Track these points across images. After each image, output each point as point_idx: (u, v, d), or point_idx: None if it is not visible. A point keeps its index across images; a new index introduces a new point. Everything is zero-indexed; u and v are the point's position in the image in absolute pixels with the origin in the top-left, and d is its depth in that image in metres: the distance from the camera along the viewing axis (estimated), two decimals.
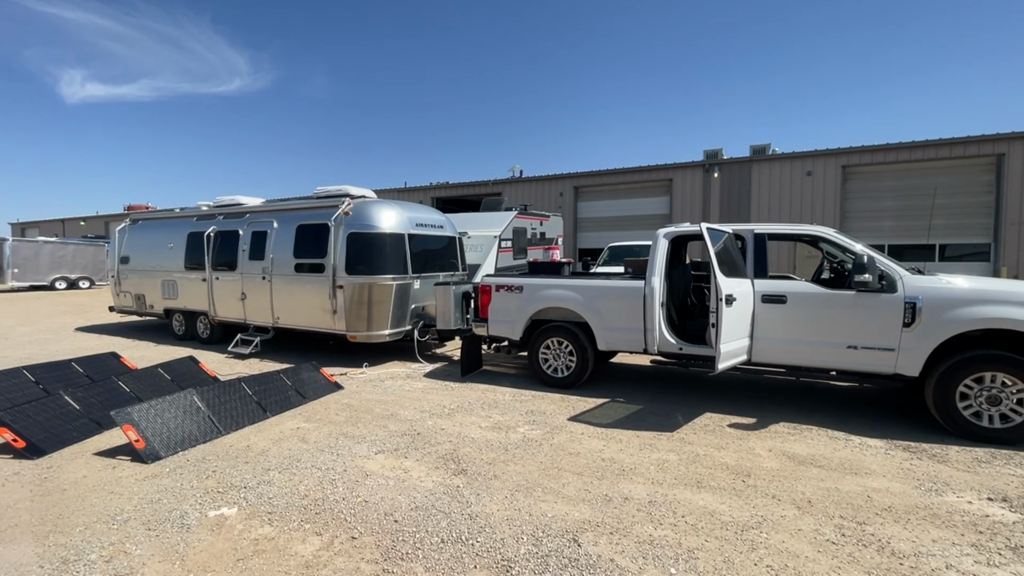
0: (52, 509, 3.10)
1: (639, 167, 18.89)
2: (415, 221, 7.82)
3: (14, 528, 2.88)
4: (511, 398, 5.63)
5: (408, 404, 5.39)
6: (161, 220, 10.01)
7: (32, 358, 7.65)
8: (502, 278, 6.45)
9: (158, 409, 4.17)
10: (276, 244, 7.94)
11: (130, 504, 3.16)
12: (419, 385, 6.23)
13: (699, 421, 4.83)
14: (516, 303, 6.27)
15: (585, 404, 5.38)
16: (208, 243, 8.71)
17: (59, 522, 2.95)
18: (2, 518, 3.01)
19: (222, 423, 4.48)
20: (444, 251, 8.39)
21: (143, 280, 9.91)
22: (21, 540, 2.78)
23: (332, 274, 7.21)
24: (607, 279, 5.91)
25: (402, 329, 7.45)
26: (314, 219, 7.65)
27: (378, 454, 4.04)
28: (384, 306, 7.20)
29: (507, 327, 6.35)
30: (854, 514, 3.08)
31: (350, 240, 7.21)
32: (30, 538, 2.78)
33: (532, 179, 21.05)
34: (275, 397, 5.16)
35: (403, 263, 7.42)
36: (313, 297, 7.47)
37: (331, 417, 4.93)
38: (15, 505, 3.14)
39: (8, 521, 2.97)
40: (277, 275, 7.86)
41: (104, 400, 4.79)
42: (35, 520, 2.97)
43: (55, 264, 22.81)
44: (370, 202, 7.63)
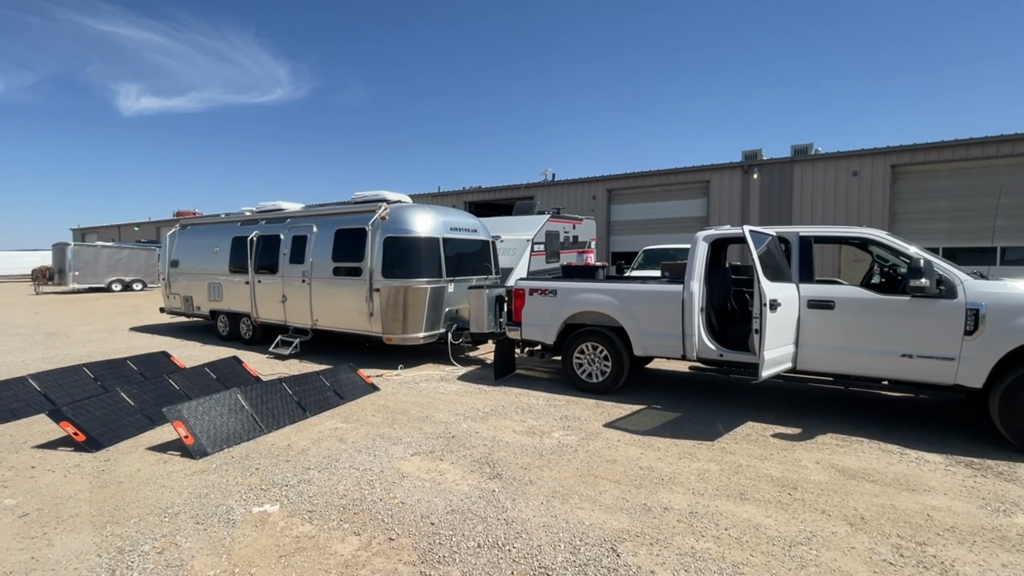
0: (109, 500, 3.25)
1: (675, 168, 18.54)
2: (449, 225, 7.89)
3: (75, 518, 3.04)
4: (545, 403, 5.59)
5: (443, 407, 5.42)
6: (208, 225, 10.45)
7: (91, 356, 8.10)
8: (536, 282, 6.43)
9: (205, 407, 4.33)
10: (315, 248, 8.15)
11: (180, 498, 3.29)
12: (453, 388, 6.27)
13: (740, 430, 4.67)
14: (550, 307, 6.23)
15: (620, 410, 5.29)
16: (251, 247, 9.03)
17: (115, 513, 3.09)
18: (66, 507, 3.18)
19: (264, 422, 4.61)
20: (478, 255, 8.43)
21: (191, 283, 10.36)
22: (81, 529, 2.92)
23: (369, 277, 7.35)
24: (644, 283, 5.80)
25: (436, 332, 7.52)
26: (352, 223, 7.82)
27: (414, 456, 4.07)
28: (419, 309, 7.28)
29: (540, 331, 6.32)
30: (913, 533, 2.90)
31: (386, 244, 7.34)
32: (89, 528, 2.92)
33: (565, 182, 20.97)
34: (314, 397, 5.29)
35: (437, 267, 7.49)
36: (350, 300, 7.63)
37: (368, 418, 5.01)
38: (76, 495, 3.31)
39: (71, 510, 3.13)
40: (316, 278, 8.07)
41: (156, 397, 5.02)
42: (94, 511, 3.12)
43: (111, 267, 24.15)
44: (406, 207, 7.75)
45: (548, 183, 21.32)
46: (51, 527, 2.94)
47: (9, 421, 4.77)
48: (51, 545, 2.76)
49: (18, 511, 3.10)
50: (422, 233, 7.42)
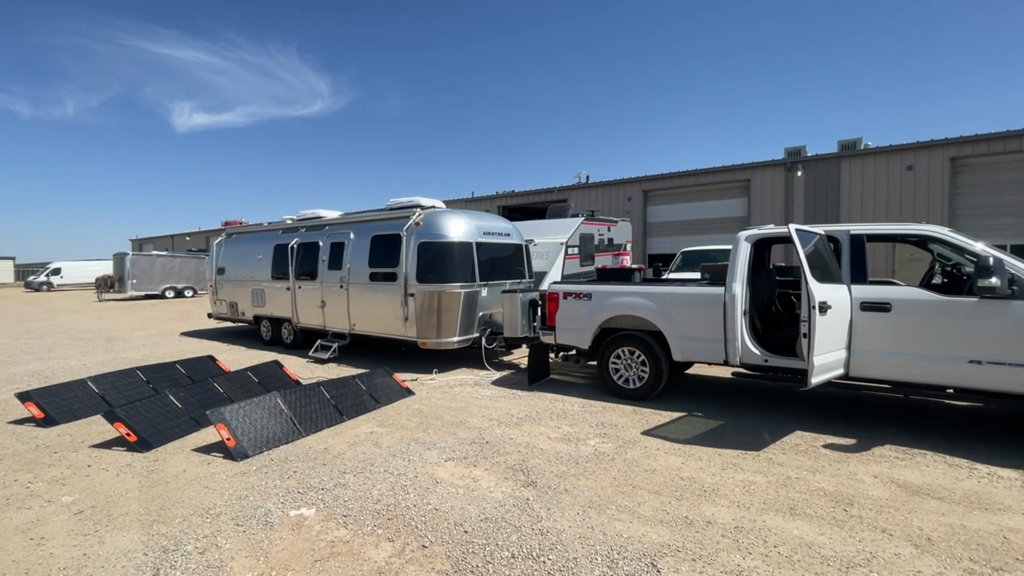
0: (156, 500, 3.36)
1: (714, 168, 18.02)
2: (483, 230, 7.89)
3: (125, 516, 3.15)
4: (580, 409, 5.47)
5: (476, 412, 5.39)
6: (251, 233, 10.85)
7: (145, 359, 8.51)
8: (570, 285, 6.33)
9: (246, 410, 4.44)
10: (353, 254, 8.32)
11: (222, 499, 3.37)
12: (487, 393, 6.23)
13: (788, 440, 4.42)
14: (585, 311, 6.11)
15: (659, 418, 5.11)
16: (292, 254, 9.31)
17: (162, 512, 3.19)
18: (117, 505, 3.30)
19: (302, 425, 4.70)
20: (511, 259, 8.39)
21: (236, 289, 10.78)
22: (131, 527, 3.02)
23: (404, 282, 7.43)
24: (683, 285, 5.60)
25: (470, 336, 7.52)
26: (387, 230, 7.94)
27: (448, 461, 4.05)
28: (453, 314, 7.30)
29: (575, 335, 6.20)
30: (987, 558, 2.64)
31: (420, 249, 7.40)
32: (137, 526, 3.02)
33: (599, 184, 20.73)
34: (351, 401, 5.36)
35: (471, 271, 7.50)
36: (386, 305, 7.73)
37: (403, 422, 5.03)
38: (127, 494, 3.45)
39: (121, 508, 3.25)
40: (353, 284, 8.23)
41: (202, 400, 5.20)
42: (142, 509, 3.23)
43: (165, 275, 25.50)
44: (439, 212, 7.80)
45: (582, 186, 21.13)
46: (103, 525, 3.05)
47: (70, 421, 5.04)
48: (102, 542, 2.86)
49: (74, 508, 3.25)
50: (455, 238, 7.44)
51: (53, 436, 4.63)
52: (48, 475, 3.78)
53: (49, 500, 3.36)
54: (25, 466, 3.96)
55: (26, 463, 4.01)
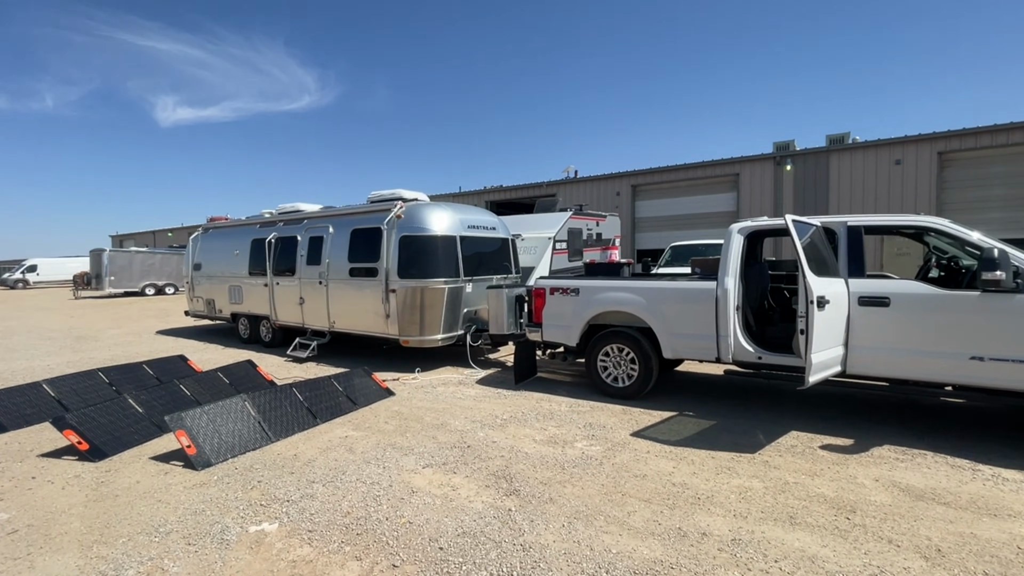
0: (102, 516, 3.06)
1: (702, 162, 17.89)
2: (467, 223, 7.62)
3: (64, 536, 2.86)
4: (568, 409, 5.25)
5: (459, 413, 5.13)
6: (229, 228, 10.45)
7: (114, 359, 8.13)
8: (557, 280, 6.08)
9: (211, 415, 4.14)
10: (332, 249, 8.00)
11: (175, 515, 3.08)
12: (471, 392, 5.98)
13: (784, 441, 4.23)
14: (572, 307, 5.87)
15: (649, 418, 4.90)
16: (269, 249, 8.96)
17: (105, 531, 2.90)
18: (57, 523, 3.00)
19: (272, 429, 4.41)
20: (497, 253, 8.13)
21: (213, 286, 10.38)
22: (68, 550, 2.73)
23: (385, 278, 7.14)
24: (673, 280, 5.39)
25: (454, 334, 7.25)
26: (368, 223, 7.63)
27: (426, 468, 3.79)
28: (436, 310, 7.03)
29: (562, 332, 5.97)
30: (1003, 571, 2.46)
31: (402, 243, 7.11)
32: (75, 548, 2.73)
33: (588, 179, 20.52)
34: (326, 403, 5.07)
35: (455, 266, 7.22)
36: (367, 301, 7.43)
37: (380, 426, 4.76)
38: (69, 510, 3.14)
39: (61, 527, 2.95)
40: (333, 280, 7.91)
41: (166, 403, 4.88)
42: (84, 527, 2.94)
43: (145, 272, 24.84)
44: (422, 205, 7.51)
45: (571, 180, 20.91)
46: (37, 547, 2.75)
47: (21, 428, 4.70)
48: (32, 568, 2.57)
49: (8, 527, 2.94)
50: (439, 231, 7.16)
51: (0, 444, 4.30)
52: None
53: None
54: None
55: None
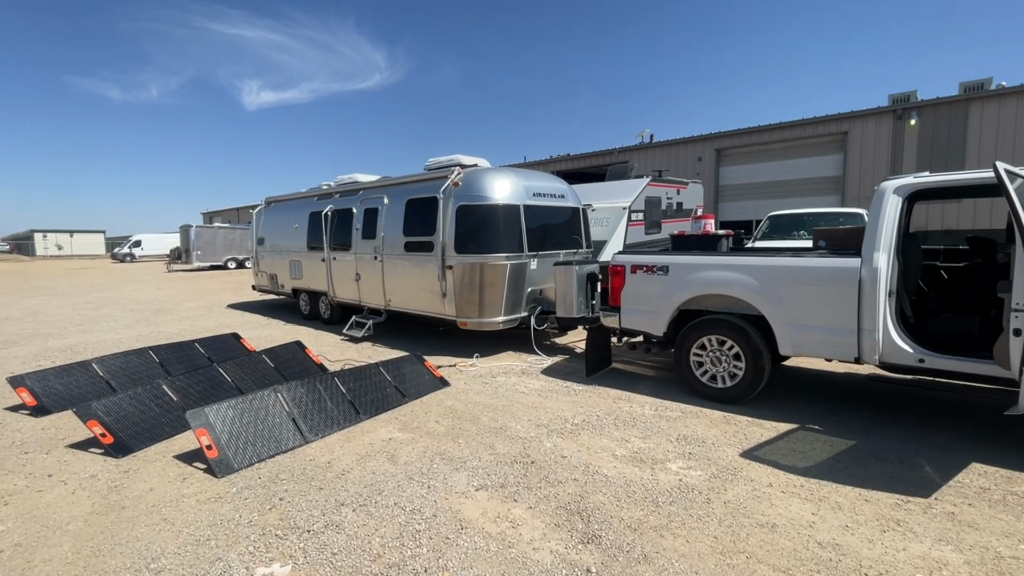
0: (96, 538, 2.57)
1: (802, 120, 15.60)
2: (532, 190, 6.70)
3: (46, 565, 2.38)
4: (653, 413, 4.30)
5: (522, 413, 4.34)
6: (289, 202, 10.20)
7: (179, 334, 8.13)
8: (641, 256, 5.05)
9: (238, 410, 3.62)
10: (387, 221, 7.40)
11: (174, 544, 2.53)
12: (535, 385, 5.17)
13: (967, 479, 3.05)
14: (659, 288, 4.84)
15: (761, 431, 3.85)
16: (325, 222, 8.54)
17: (91, 562, 2.39)
18: (47, 543, 2.55)
19: (309, 426, 3.84)
20: (566, 225, 7.17)
21: (275, 260, 10.25)
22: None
23: (441, 253, 6.42)
24: (798, 256, 4.20)
25: (517, 316, 6.45)
26: (423, 193, 6.92)
27: (480, 491, 3.03)
28: (497, 289, 6.23)
29: (645, 318, 4.96)
30: None
31: (459, 214, 6.33)
32: None
33: (665, 144, 18.72)
34: (371, 396, 4.46)
35: (518, 239, 6.36)
36: (422, 279, 6.78)
37: (430, 426, 4.07)
38: (66, 526, 2.69)
39: (48, 551, 2.49)
40: (388, 255, 7.33)
41: (203, 390, 4.48)
42: (72, 553, 2.45)
43: (227, 247, 26.21)
44: (481, 170, 6.67)
45: (645, 146, 19.19)
46: None
47: (64, 410, 4.48)
48: None
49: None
50: (500, 200, 6.30)
51: (36, 430, 4.05)
52: (1, 488, 3.12)
53: None
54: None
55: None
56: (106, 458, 3.51)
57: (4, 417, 4.35)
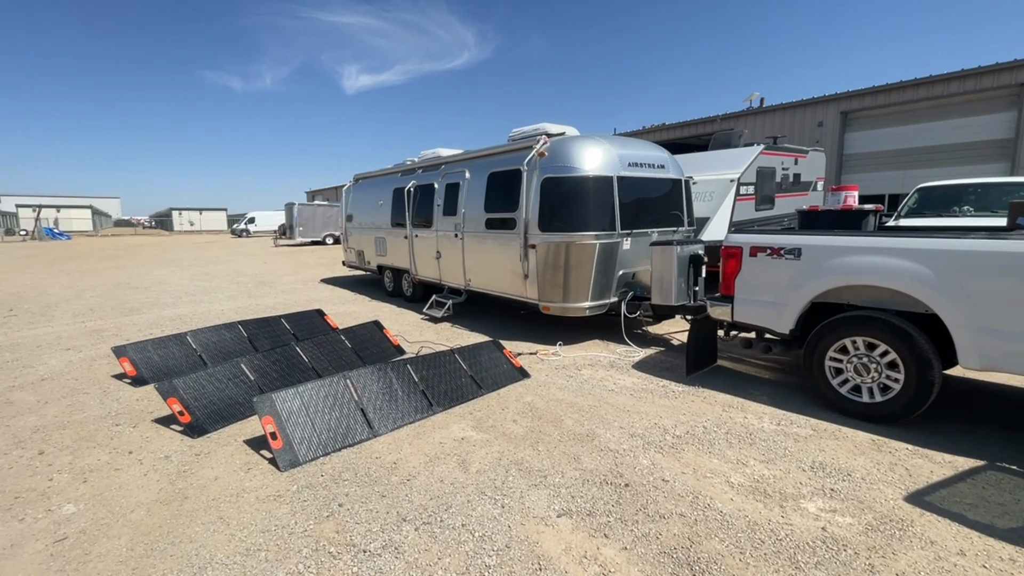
0: (152, 533, 2.42)
1: (959, 72, 12.90)
2: (628, 160, 5.92)
3: (100, 561, 2.24)
4: (775, 428, 3.52)
5: (611, 416, 3.76)
6: (375, 178, 10.21)
7: (275, 307, 8.45)
8: (764, 236, 4.17)
9: (306, 397, 3.41)
10: (468, 197, 7.01)
11: (225, 550, 2.30)
12: (626, 381, 4.54)
13: None
14: (787, 275, 3.96)
15: (929, 465, 2.95)
16: (408, 199, 8.37)
17: (141, 563, 2.22)
18: (108, 535, 2.44)
19: (378, 418, 3.56)
20: (665, 199, 6.32)
21: (362, 237, 10.38)
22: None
23: (523, 231, 5.90)
24: (996, 239, 3.14)
25: (606, 301, 5.80)
26: (506, 165, 6.41)
27: (562, 517, 2.53)
28: (584, 271, 5.61)
29: (767, 311, 4.11)
30: None
31: (544, 187, 5.75)
32: None
33: (777, 108, 16.57)
34: (445, 386, 4.11)
35: (610, 215, 5.66)
36: (503, 258, 6.33)
37: (507, 426, 3.63)
38: (130, 515, 2.59)
39: (105, 544, 2.37)
40: (468, 232, 6.96)
41: (281, 370, 4.40)
42: (126, 551, 2.31)
43: (325, 224, 27.76)
44: (569, 139, 6.00)
45: (753, 112, 17.13)
46: (64, 573, 2.16)
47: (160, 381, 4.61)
48: None
49: (60, 532, 2.46)
50: (590, 171, 5.62)
51: (131, 401, 4.18)
52: (84, 461, 3.15)
53: (50, 509, 2.64)
54: (76, 443, 3.42)
55: (80, 438, 3.49)
56: (183, 437, 3.47)
57: (109, 385, 4.57)
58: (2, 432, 3.58)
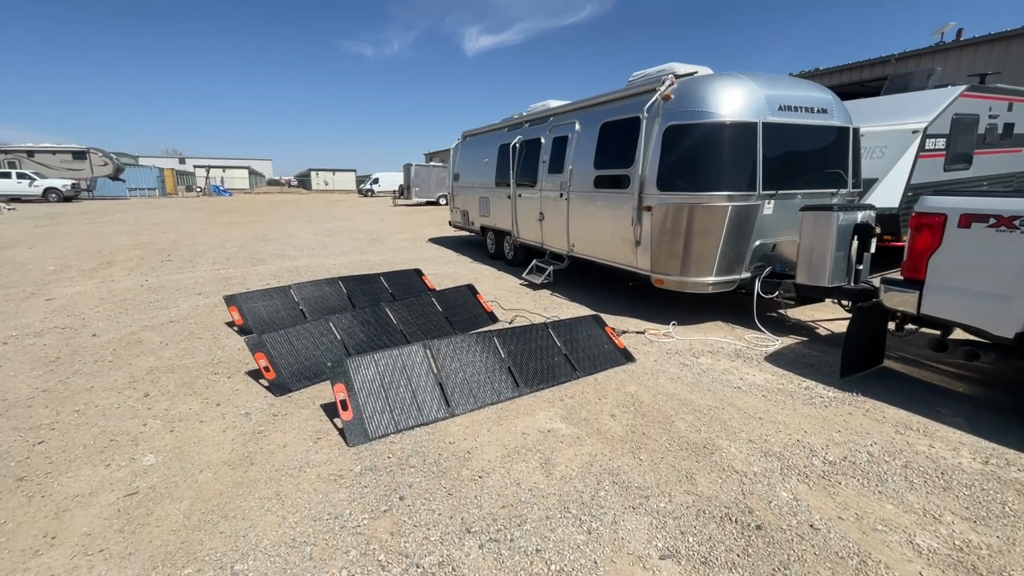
0: (212, 501, 2.29)
1: None
2: (778, 102, 4.76)
3: (157, 527, 2.13)
4: (980, 466, 2.52)
5: (737, 423, 2.99)
6: (482, 135, 9.81)
7: (381, 264, 8.59)
8: (989, 198, 2.97)
9: (383, 366, 3.13)
10: (576, 152, 6.29)
11: (272, 536, 2.07)
12: (757, 378, 3.69)
13: None
14: (1016, 257, 2.78)
15: None
16: (513, 155, 7.84)
17: (191, 536, 2.06)
18: (172, 495, 2.35)
19: (456, 395, 3.19)
20: (824, 153, 5.05)
21: (467, 197, 10.15)
22: (130, 565, 1.96)
23: (638, 190, 5.08)
24: None
25: (735, 277, 4.84)
26: (622, 113, 5.55)
27: (666, 560, 1.93)
28: (710, 240, 4.69)
29: (980, 305, 2.97)
30: None
31: (667, 137, 4.85)
32: (138, 568, 1.93)
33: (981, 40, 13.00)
34: (535, 364, 3.62)
35: (750, 172, 4.62)
36: (612, 222, 5.58)
37: (603, 421, 3.05)
38: (199, 474, 2.50)
39: (168, 506, 2.27)
40: (575, 192, 6.28)
41: (369, 331, 4.23)
42: (182, 517, 2.18)
43: (439, 184, 28.50)
44: (702, 78, 4.96)
45: (946, 46, 13.65)
46: (114, 543, 2.07)
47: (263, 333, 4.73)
48: None
49: (134, 484, 2.42)
50: (728, 116, 4.59)
51: (234, 350, 4.30)
52: (177, 409, 3.20)
53: (133, 457, 2.65)
54: (177, 388, 3.52)
55: (182, 384, 3.60)
56: (266, 395, 3.41)
57: (220, 332, 4.79)
58: (124, 369, 3.83)
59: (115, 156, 32.82)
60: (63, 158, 30.16)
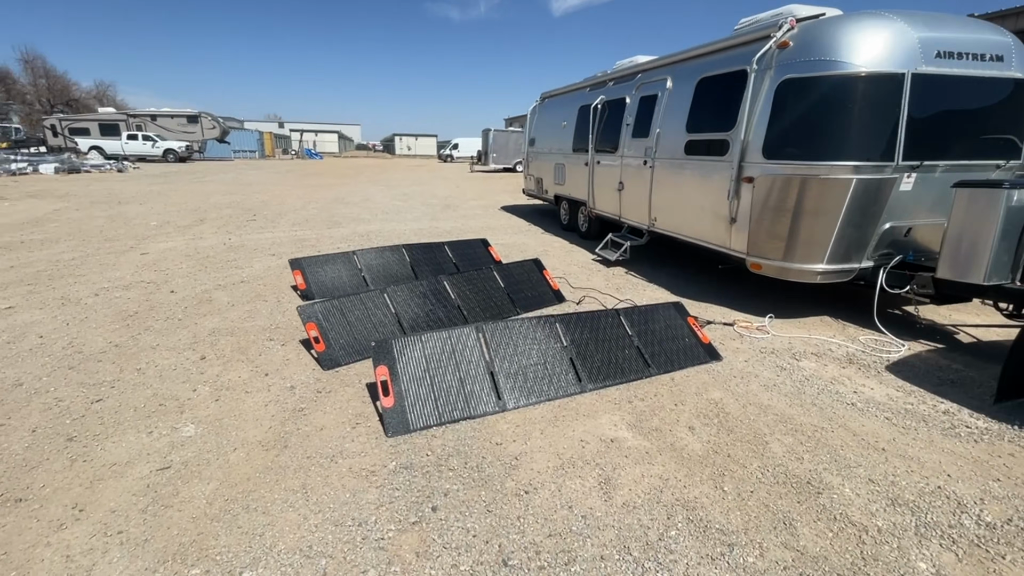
0: (238, 487, 2.13)
1: None
2: (935, 47, 3.76)
3: (180, 511, 2.00)
4: None
5: (853, 453, 2.39)
6: (562, 96, 9.14)
7: (450, 232, 8.39)
8: None
9: (430, 347, 2.84)
10: (666, 112, 5.55)
11: (287, 540, 1.85)
12: (877, 393, 2.99)
13: None
14: None
15: None
16: (594, 117, 7.17)
17: (208, 527, 1.90)
18: (201, 474, 2.23)
19: (509, 386, 2.84)
20: (994, 113, 3.98)
21: (541, 163, 9.61)
22: (139, 557, 1.82)
23: (738, 157, 4.33)
24: None
25: (853, 266, 4.02)
26: (724, 67, 4.75)
27: None
28: (826, 220, 3.89)
29: None
30: None
31: (781, 93, 4.03)
32: (151, 557, 1.79)
33: None
34: (602, 356, 3.18)
35: (887, 136, 3.72)
36: (704, 194, 4.87)
37: (678, 433, 2.57)
38: (232, 453, 2.36)
39: (193, 488, 2.15)
40: (661, 159, 5.58)
41: (425, 304, 3.98)
42: (204, 503, 2.04)
43: (516, 150, 27.86)
44: (831, 19, 4.04)
45: None
46: (145, 516, 1.97)
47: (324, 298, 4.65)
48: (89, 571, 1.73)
49: (170, 457, 2.33)
50: (863, 65, 3.69)
51: (292, 315, 4.23)
52: (227, 376, 3.14)
53: (175, 427, 2.58)
54: (232, 353, 3.48)
55: (237, 348, 3.56)
56: (314, 367, 3.27)
57: (283, 295, 4.78)
58: (189, 328, 3.89)
59: (222, 120, 35.51)
60: (179, 121, 33.12)
